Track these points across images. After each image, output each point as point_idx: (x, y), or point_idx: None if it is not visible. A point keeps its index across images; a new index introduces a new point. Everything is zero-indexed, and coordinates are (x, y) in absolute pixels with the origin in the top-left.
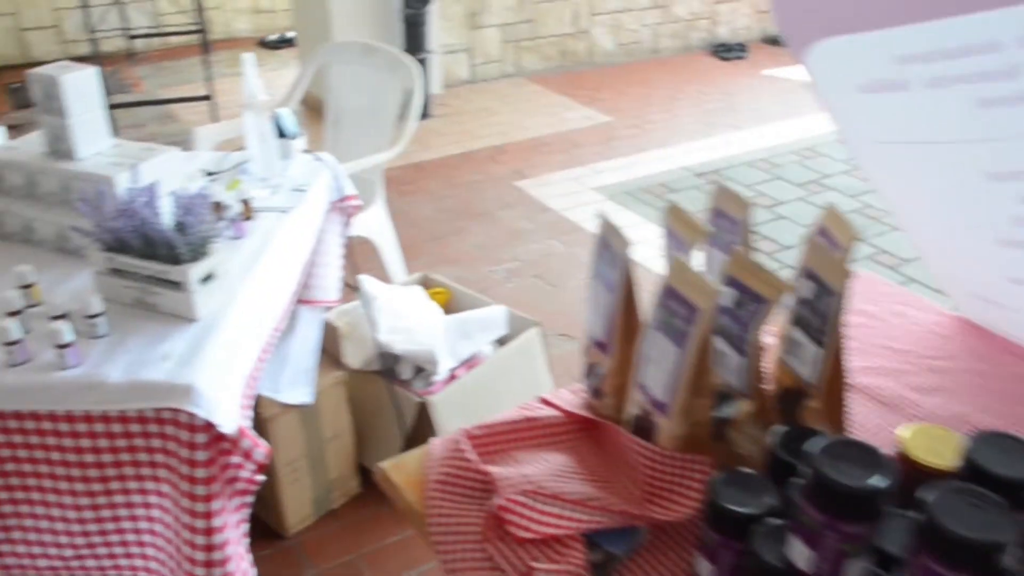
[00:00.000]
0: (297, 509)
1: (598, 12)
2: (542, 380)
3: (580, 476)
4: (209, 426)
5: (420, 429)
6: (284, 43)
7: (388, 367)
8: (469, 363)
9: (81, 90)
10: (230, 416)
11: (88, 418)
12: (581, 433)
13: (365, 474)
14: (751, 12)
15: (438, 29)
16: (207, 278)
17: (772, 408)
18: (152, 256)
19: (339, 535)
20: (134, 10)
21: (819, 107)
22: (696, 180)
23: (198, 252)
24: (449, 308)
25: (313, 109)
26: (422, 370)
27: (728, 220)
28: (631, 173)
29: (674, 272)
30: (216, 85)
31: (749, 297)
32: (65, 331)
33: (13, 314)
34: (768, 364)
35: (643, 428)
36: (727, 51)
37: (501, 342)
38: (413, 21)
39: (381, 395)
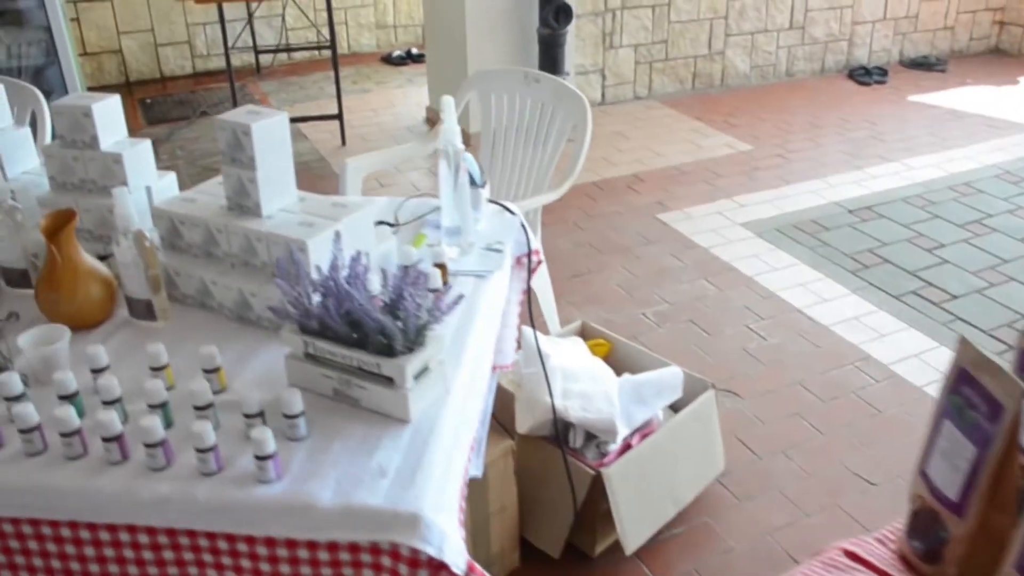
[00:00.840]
0: None
1: (734, 33)
2: (715, 448)
3: None
4: (432, 560)
5: (592, 502)
6: (408, 59)
7: (558, 433)
8: (643, 430)
9: (271, 138)
10: (457, 548)
11: (291, 543)
12: None
13: (525, 547)
14: (891, 34)
15: (572, 50)
16: (422, 372)
17: None
18: (360, 344)
19: None
20: (262, 25)
21: None
22: (850, 217)
23: (414, 342)
24: (609, 360)
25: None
26: (593, 436)
27: None
28: (779, 208)
29: None
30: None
31: None
32: (268, 441)
33: (202, 408)
34: None
35: None
36: (865, 75)
37: (673, 405)
38: (550, 42)
39: (551, 465)
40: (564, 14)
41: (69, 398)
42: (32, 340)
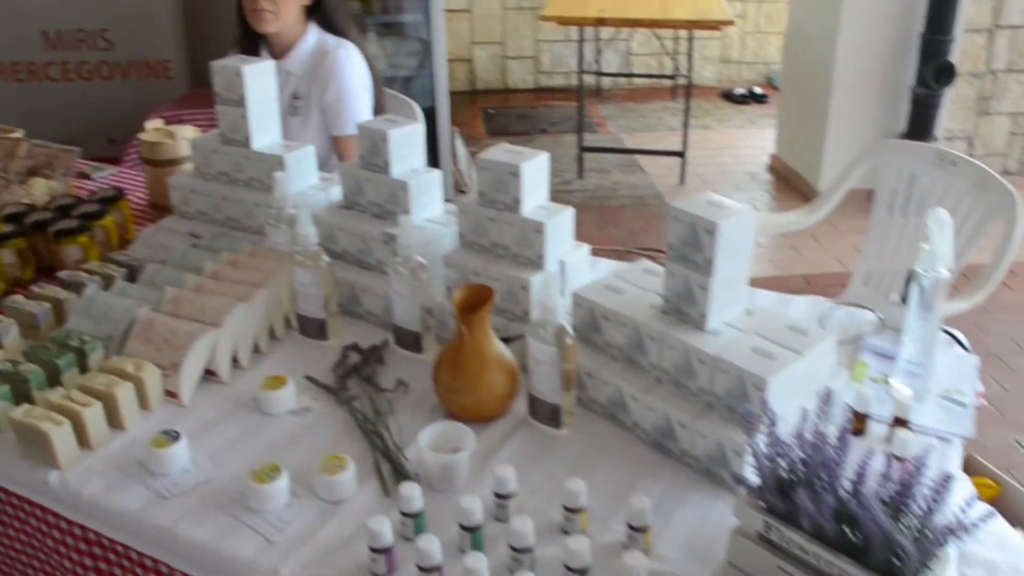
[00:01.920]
0: None
1: None
2: None
3: None
4: None
5: None
6: (750, 98)
7: None
8: None
9: (735, 239)
10: None
11: None
12: None
13: None
14: None
15: (945, 113)
16: None
17: None
18: (842, 546)
19: None
20: (608, 48)
21: None
22: None
23: (922, 563)
24: (995, 507)
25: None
26: None
27: None
28: None
29: None
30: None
31: None
32: None
33: (580, 572)
34: None
35: None
36: None
37: None
38: (925, 103)
39: None
40: (946, 73)
41: (471, 530)
42: (432, 439)
